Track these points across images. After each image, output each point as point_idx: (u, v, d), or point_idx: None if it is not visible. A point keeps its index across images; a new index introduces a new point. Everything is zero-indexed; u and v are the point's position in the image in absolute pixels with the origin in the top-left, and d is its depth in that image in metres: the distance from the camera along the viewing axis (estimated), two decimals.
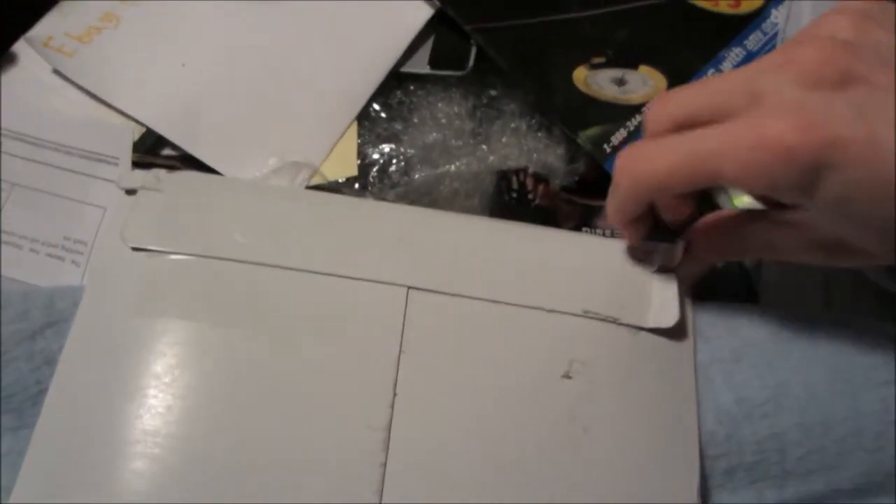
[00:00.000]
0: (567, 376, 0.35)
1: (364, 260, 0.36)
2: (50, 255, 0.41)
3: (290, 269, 0.35)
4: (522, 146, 0.43)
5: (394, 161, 0.43)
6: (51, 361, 0.36)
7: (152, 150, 0.43)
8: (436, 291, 0.35)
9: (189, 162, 0.43)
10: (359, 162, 0.42)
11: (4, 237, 0.41)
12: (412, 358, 0.34)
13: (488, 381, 0.34)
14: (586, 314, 0.36)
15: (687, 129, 0.30)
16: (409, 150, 0.42)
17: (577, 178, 0.47)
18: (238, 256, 0.35)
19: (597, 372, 0.35)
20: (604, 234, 0.47)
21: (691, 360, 0.36)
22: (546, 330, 0.35)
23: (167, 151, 0.44)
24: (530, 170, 0.45)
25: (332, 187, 0.42)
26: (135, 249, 0.35)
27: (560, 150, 0.45)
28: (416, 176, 0.42)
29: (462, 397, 0.34)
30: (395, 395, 0.33)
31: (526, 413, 0.34)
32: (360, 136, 0.43)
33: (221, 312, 0.34)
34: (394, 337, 0.34)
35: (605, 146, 0.44)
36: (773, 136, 0.26)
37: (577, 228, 0.47)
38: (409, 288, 0.35)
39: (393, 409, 0.33)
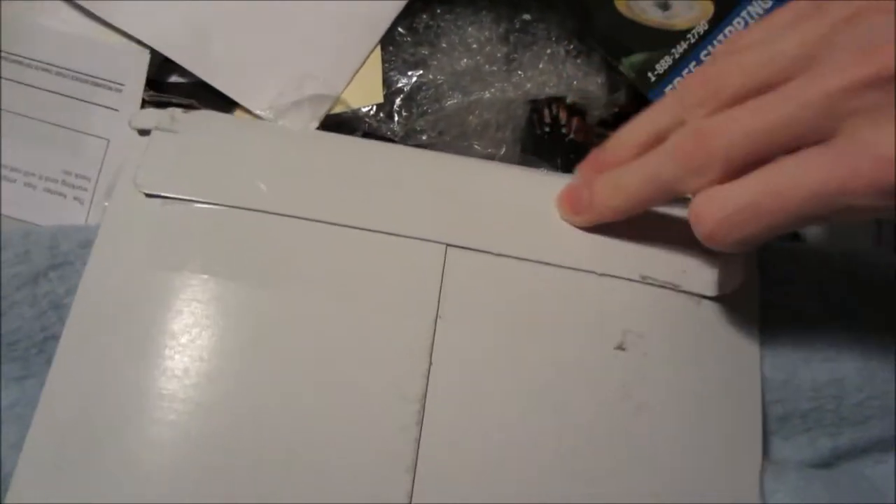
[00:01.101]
0: (621, 348, 0.31)
1: (398, 213, 0.32)
2: (49, 191, 0.37)
3: (318, 221, 0.32)
4: (561, 73, 0.40)
5: (422, 88, 0.39)
6: (57, 306, 0.33)
7: (157, 78, 0.39)
8: (477, 250, 0.32)
9: (199, 91, 0.39)
10: (385, 90, 0.39)
11: (7, 173, 0.37)
12: (450, 324, 0.31)
13: (533, 352, 0.31)
14: (644, 280, 0.32)
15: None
16: (438, 77, 0.39)
17: (615, 111, 0.43)
18: (261, 206, 0.32)
19: (653, 344, 0.31)
20: None
21: (756, 332, 0.33)
22: (598, 296, 0.32)
23: (174, 78, 0.40)
24: (569, 99, 0.41)
25: (357, 116, 0.38)
26: (148, 196, 0.32)
27: (601, 79, 0.41)
28: (448, 103, 0.38)
29: (503, 369, 0.31)
30: (430, 364, 0.30)
31: (573, 388, 0.31)
32: (384, 61, 0.39)
33: (243, 267, 0.31)
34: (430, 300, 0.31)
35: (650, 74, 0.40)
36: None
37: None
38: (448, 246, 0.32)
39: (428, 380, 0.30)
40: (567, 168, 0.43)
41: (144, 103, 0.37)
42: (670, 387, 0.31)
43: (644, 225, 0.33)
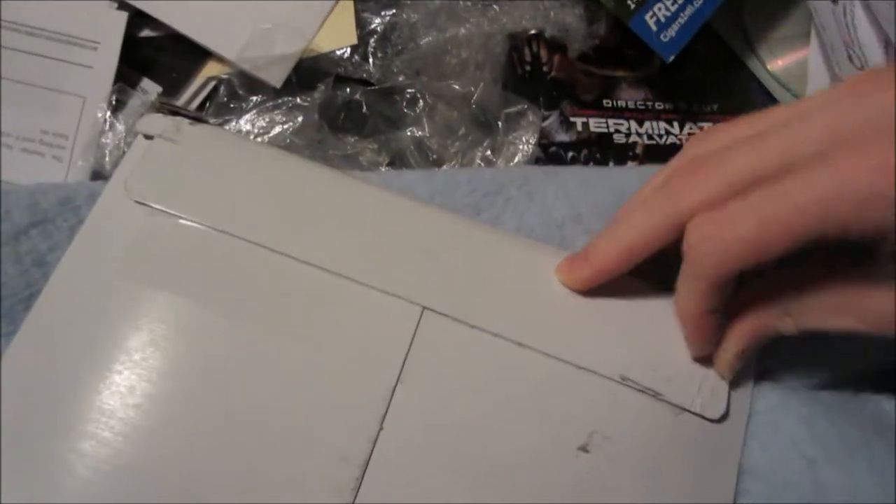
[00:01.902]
0: (584, 449, 0.29)
1: (380, 265, 0.30)
2: (27, 151, 0.37)
3: (297, 259, 0.30)
4: (537, 5, 0.39)
5: (396, 28, 0.38)
6: (40, 263, 0.33)
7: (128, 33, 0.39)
8: (453, 318, 0.30)
9: (172, 44, 0.38)
10: (358, 31, 0.38)
11: None
12: (410, 390, 0.29)
13: (490, 436, 0.29)
14: (623, 381, 0.30)
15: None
16: (412, 15, 0.38)
17: (596, 43, 0.42)
18: (244, 235, 0.30)
19: (620, 451, 0.29)
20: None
21: (736, 457, 0.30)
22: (571, 390, 0.29)
23: (146, 33, 0.39)
24: (547, 33, 0.40)
25: (331, 59, 0.38)
26: (137, 202, 0.31)
27: (578, 10, 0.40)
28: (423, 41, 0.38)
29: (455, 447, 0.28)
30: (381, 429, 0.28)
31: (525, 483, 0.28)
32: (357, 1, 0.38)
33: (213, 294, 0.30)
34: (395, 362, 0.29)
35: (629, 1, 0.39)
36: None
37: (598, 101, 0.43)
38: (425, 309, 0.30)
39: (375, 446, 0.28)
40: (549, 106, 0.42)
41: (157, 106, 0.36)
42: (629, 499, 0.29)
43: (634, 322, 0.31)
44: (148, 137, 0.32)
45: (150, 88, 0.38)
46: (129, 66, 0.38)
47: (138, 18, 0.38)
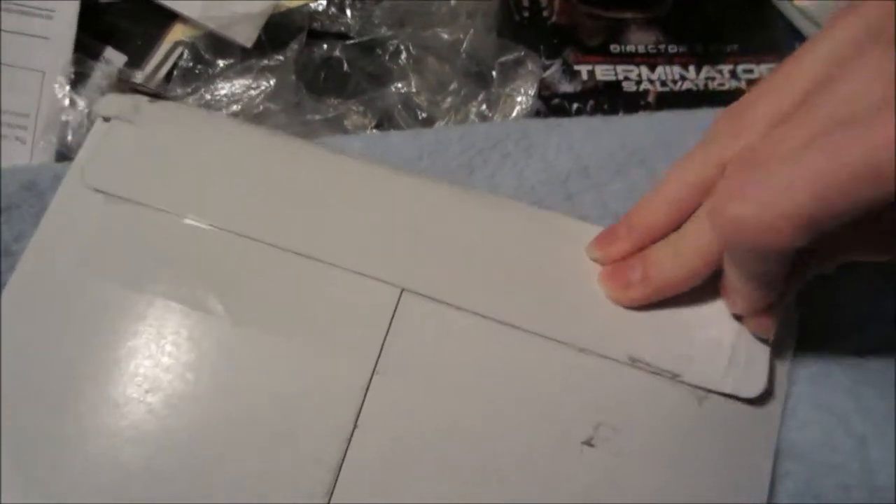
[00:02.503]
0: (589, 443, 0.25)
1: (356, 245, 0.27)
2: None
3: (266, 243, 0.27)
4: None
5: None
6: (7, 253, 0.30)
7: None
8: (435, 300, 0.26)
9: (136, 9, 0.35)
10: None
11: None
12: (387, 382, 0.26)
13: (477, 432, 0.25)
14: (633, 363, 0.26)
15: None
16: None
17: None
18: (208, 220, 0.27)
19: (630, 443, 0.25)
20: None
21: (772, 447, 0.26)
22: (570, 376, 0.26)
23: None
24: None
25: (302, 13, 0.34)
26: (96, 191, 0.28)
27: None
28: None
29: (439, 445, 0.25)
30: (355, 427, 0.25)
31: (519, 486, 0.25)
32: None
33: (176, 284, 0.27)
34: (371, 350, 0.26)
35: None
36: None
37: (604, 46, 0.39)
38: (404, 290, 0.27)
39: (349, 445, 0.25)
40: (550, 55, 0.38)
41: (117, 84, 0.33)
42: (643, 500, 0.25)
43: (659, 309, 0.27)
44: (107, 119, 0.29)
45: (114, 58, 0.35)
46: (91, 35, 0.35)
47: None
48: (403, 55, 0.34)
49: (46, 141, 0.34)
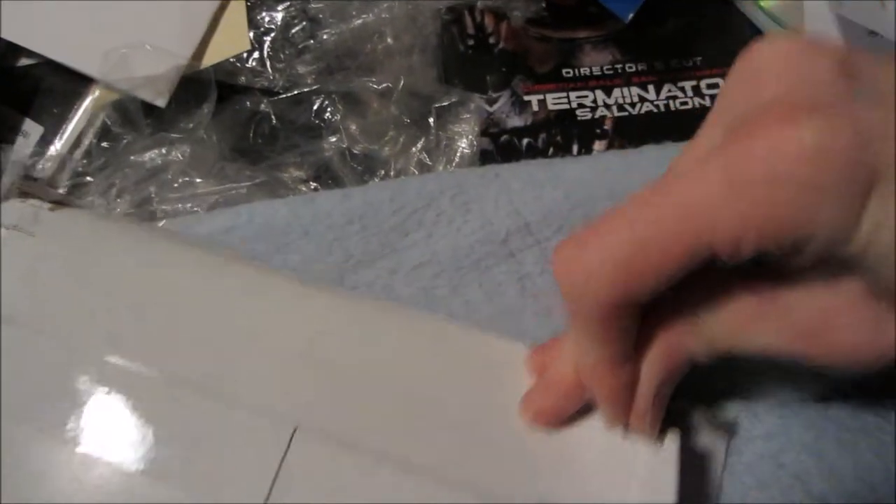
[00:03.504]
0: None
1: (247, 377, 0.25)
2: None
3: (153, 374, 0.25)
4: None
5: (295, 21, 0.32)
6: None
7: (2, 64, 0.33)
8: (330, 437, 0.24)
9: (53, 73, 0.33)
10: (251, 32, 0.32)
11: None
12: None
13: None
14: None
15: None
16: (312, 5, 0.31)
17: (544, 5, 0.35)
18: (96, 350, 0.25)
19: None
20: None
21: None
22: None
23: (23, 61, 0.34)
24: (479, 4, 0.33)
25: (228, 70, 0.32)
26: None
27: None
28: (326, 36, 0.31)
29: None
30: None
31: None
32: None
33: (60, 423, 0.24)
34: (259, 492, 0.24)
35: None
36: (797, 138, 0.17)
37: (556, 72, 0.37)
38: (297, 428, 0.24)
39: None
40: (498, 87, 0.36)
41: (18, 188, 0.29)
42: None
43: (558, 438, 0.24)
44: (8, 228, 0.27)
45: (31, 130, 0.33)
46: (9, 104, 0.33)
47: (11, 46, 0.33)
48: (331, 108, 0.32)
49: None
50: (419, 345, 0.26)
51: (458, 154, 0.32)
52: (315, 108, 0.32)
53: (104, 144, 0.31)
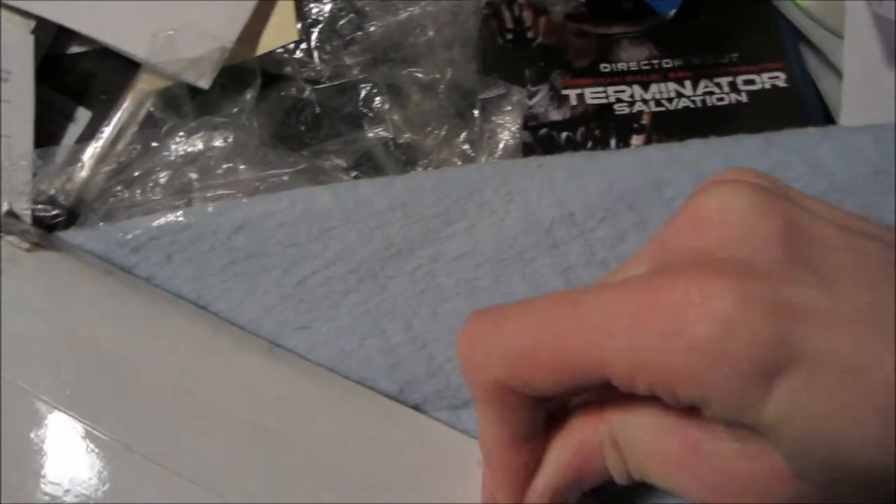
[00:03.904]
0: None
1: (195, 449, 0.25)
2: None
3: (115, 441, 0.25)
4: None
5: (343, 13, 0.32)
6: None
7: (54, 52, 0.34)
8: None
9: (103, 58, 0.33)
10: (299, 24, 0.32)
11: None
12: None
13: None
14: None
15: None
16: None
17: (583, 0, 0.36)
18: (55, 403, 0.26)
19: None
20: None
21: None
22: None
23: (74, 49, 0.34)
24: None
25: (276, 60, 0.32)
26: None
27: None
28: (373, 28, 0.32)
29: None
30: None
31: None
32: None
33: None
34: None
35: None
36: (709, 303, 0.16)
37: (594, 66, 0.37)
38: None
39: None
40: (536, 81, 0.36)
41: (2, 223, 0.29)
42: None
43: None
44: None
45: (80, 116, 0.33)
46: (57, 88, 0.34)
47: (64, 34, 0.34)
48: (378, 97, 0.32)
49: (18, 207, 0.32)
50: (381, 431, 0.26)
51: (501, 146, 0.33)
52: (360, 97, 0.32)
53: (148, 130, 0.32)
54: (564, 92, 0.36)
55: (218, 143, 0.31)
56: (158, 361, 0.26)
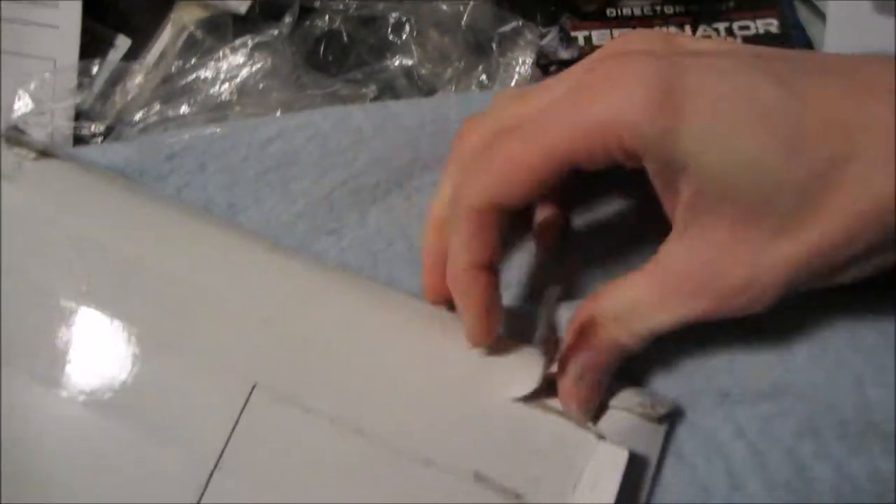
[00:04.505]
0: None
1: (210, 336, 0.26)
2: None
3: (116, 322, 0.26)
4: None
5: None
6: None
7: None
8: (286, 397, 0.25)
9: None
10: None
11: None
12: (228, 479, 0.25)
13: None
14: (478, 479, 0.24)
15: None
16: None
17: None
18: (64, 297, 0.27)
19: None
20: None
21: None
22: (413, 490, 0.24)
23: None
24: None
25: None
26: None
27: None
28: None
29: None
30: None
31: None
32: None
33: (27, 355, 0.26)
34: (215, 444, 0.25)
35: None
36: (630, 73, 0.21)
37: (601, 11, 0.39)
38: (256, 386, 0.25)
39: None
40: (547, 22, 0.38)
41: (7, 135, 0.30)
42: None
43: (496, 413, 0.25)
44: None
45: (121, 43, 0.35)
46: (97, 19, 0.36)
47: None
48: (406, 28, 0.34)
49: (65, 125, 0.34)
50: (376, 315, 0.27)
51: (515, 79, 0.35)
52: (386, 29, 0.35)
53: (187, 52, 0.34)
54: (573, 34, 0.38)
55: (255, 65, 0.32)
56: (164, 259, 0.27)
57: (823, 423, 0.26)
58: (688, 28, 0.39)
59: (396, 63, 0.34)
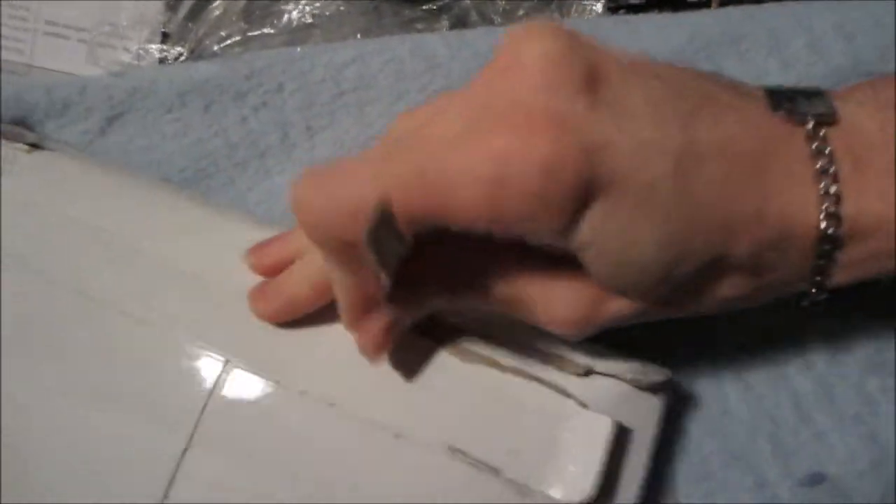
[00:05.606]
0: None
1: (184, 311, 0.26)
2: (84, 42, 0.36)
3: (95, 300, 0.27)
4: None
5: None
6: None
7: None
8: (259, 372, 0.25)
9: None
10: None
11: (48, 28, 0.36)
12: (201, 456, 0.24)
13: None
14: (453, 452, 0.24)
15: None
16: None
17: None
18: (45, 271, 0.27)
19: None
20: None
21: None
22: (387, 462, 0.24)
23: None
24: None
25: None
26: None
27: None
28: None
29: None
30: (164, 501, 0.24)
31: None
32: None
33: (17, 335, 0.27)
34: (188, 421, 0.25)
35: None
36: (529, 152, 0.19)
37: None
38: (228, 361, 0.25)
39: None
40: None
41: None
42: None
43: (482, 389, 0.24)
44: None
45: None
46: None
47: None
48: None
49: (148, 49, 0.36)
50: None
51: (587, 18, 0.35)
52: None
53: None
54: None
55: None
56: (149, 238, 0.28)
57: (889, 358, 0.26)
58: None
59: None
